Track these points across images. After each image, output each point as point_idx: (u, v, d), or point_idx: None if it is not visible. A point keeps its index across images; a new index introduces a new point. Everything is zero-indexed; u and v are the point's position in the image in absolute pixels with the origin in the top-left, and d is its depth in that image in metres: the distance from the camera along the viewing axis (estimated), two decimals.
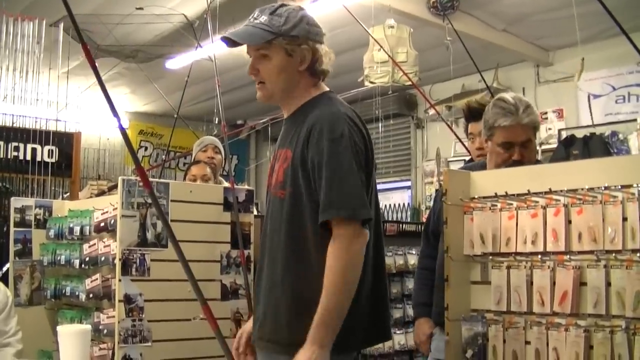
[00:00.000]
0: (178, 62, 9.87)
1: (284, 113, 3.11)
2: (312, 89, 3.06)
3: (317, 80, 3.08)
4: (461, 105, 6.72)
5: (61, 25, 8.16)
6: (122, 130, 2.20)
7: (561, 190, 2.81)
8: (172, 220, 4.07)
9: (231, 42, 2.99)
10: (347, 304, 2.68)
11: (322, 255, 2.70)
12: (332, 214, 2.68)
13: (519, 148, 3.46)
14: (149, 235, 4.15)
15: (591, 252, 2.70)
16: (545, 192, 2.85)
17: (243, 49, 3.03)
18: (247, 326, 3.13)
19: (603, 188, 2.69)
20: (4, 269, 5.92)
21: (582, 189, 2.75)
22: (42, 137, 7.54)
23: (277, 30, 2.91)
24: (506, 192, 2.97)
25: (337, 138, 2.77)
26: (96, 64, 2.25)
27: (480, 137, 4.46)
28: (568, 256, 2.77)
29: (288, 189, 2.85)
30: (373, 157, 2.97)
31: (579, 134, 9.16)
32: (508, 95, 3.53)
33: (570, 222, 2.80)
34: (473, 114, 4.56)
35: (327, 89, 3.11)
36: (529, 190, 2.90)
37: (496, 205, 3.03)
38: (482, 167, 3.71)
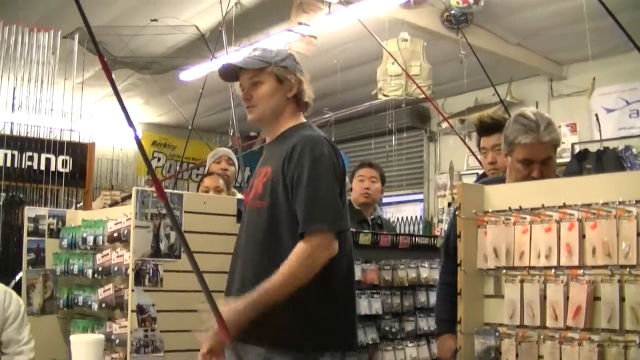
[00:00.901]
0: (192, 73, 9.89)
1: (267, 138, 3.46)
2: (295, 117, 3.39)
3: (301, 109, 3.42)
4: (474, 119, 6.72)
5: (76, 37, 8.20)
6: (138, 141, 2.21)
7: (575, 205, 2.80)
8: (185, 232, 4.08)
9: (225, 76, 3.41)
10: (285, 294, 2.95)
11: None
12: (316, 225, 3.00)
13: (538, 165, 3.44)
14: (162, 246, 4.15)
15: (605, 266, 2.70)
16: (559, 207, 2.85)
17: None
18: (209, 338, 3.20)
19: (617, 203, 2.68)
20: (17, 277, 5.94)
21: (597, 204, 2.74)
22: (56, 147, 7.54)
23: (270, 60, 3.30)
24: (520, 206, 2.97)
25: (318, 157, 3.11)
26: (112, 75, 2.26)
27: (493, 152, 4.46)
28: (582, 271, 2.76)
29: (267, 199, 3.17)
30: (345, 177, 3.32)
31: (593, 148, 9.14)
32: (529, 111, 3.49)
33: (584, 236, 2.79)
34: (485, 128, 4.55)
35: (305, 120, 3.46)
36: (543, 205, 2.90)
37: (510, 219, 3.03)
38: (500, 181, 3.67)
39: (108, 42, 8.77)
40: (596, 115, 9.49)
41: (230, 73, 3.38)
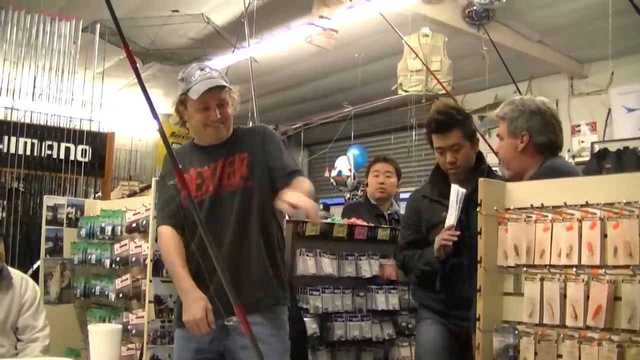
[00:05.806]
0: (213, 65, 9.88)
1: (208, 142, 3.80)
2: None
3: None
4: (492, 116, 6.64)
5: (97, 29, 8.21)
6: (161, 131, 2.21)
7: (597, 204, 2.78)
8: None
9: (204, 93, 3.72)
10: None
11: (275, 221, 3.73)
12: (299, 174, 3.65)
13: None
14: None
15: (627, 266, 2.67)
16: (582, 205, 2.82)
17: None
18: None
19: None
20: (35, 266, 5.96)
21: (619, 203, 2.72)
22: (75, 136, 7.55)
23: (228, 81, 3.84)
24: (542, 204, 2.95)
25: (280, 137, 3.93)
26: (137, 65, 2.26)
27: (451, 150, 4.32)
28: (603, 270, 2.74)
29: (255, 178, 3.63)
30: None
31: (612, 147, 9.07)
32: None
33: (605, 235, 2.77)
34: (441, 127, 4.37)
35: None
36: (565, 203, 2.88)
37: (531, 217, 3.01)
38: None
39: (127, 35, 8.78)
40: (609, 109, 9.48)
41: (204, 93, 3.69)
